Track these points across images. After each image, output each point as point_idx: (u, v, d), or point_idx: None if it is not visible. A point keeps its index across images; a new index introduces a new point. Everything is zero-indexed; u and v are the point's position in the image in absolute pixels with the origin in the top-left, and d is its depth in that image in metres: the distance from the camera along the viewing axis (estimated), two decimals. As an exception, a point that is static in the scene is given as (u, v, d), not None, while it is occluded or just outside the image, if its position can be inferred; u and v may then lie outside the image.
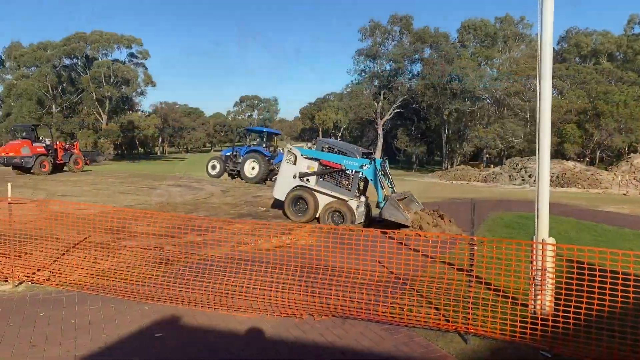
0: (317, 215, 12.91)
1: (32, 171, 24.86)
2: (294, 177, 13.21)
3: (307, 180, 13.11)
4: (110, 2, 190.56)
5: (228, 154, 27.12)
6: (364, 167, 12.51)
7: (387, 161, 13.34)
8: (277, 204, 14.51)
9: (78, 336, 5.22)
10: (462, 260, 6.20)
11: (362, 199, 13.09)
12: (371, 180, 12.62)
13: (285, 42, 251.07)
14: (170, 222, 8.68)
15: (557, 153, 52.10)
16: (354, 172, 12.79)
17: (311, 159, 13.30)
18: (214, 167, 27.09)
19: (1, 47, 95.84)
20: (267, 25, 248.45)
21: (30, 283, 7.06)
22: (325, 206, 12.77)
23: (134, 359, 4.71)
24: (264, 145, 26.15)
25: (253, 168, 24.99)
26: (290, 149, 13.61)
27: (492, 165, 55.14)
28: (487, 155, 67.74)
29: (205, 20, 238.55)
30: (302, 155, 13.36)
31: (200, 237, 9.16)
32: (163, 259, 8.05)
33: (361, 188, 13.19)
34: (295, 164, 13.32)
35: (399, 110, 74.66)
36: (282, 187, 13.46)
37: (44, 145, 26.37)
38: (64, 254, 8.11)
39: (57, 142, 28.17)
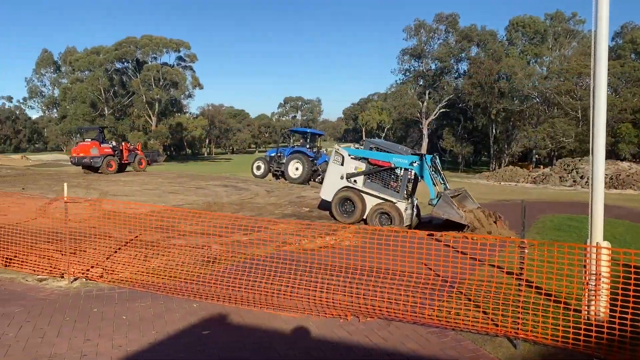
0: (364, 217, 12.74)
1: (99, 170, 26.84)
2: (342, 177, 13.09)
3: (355, 181, 12.95)
4: (159, 7, 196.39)
5: (272, 154, 27.40)
6: (414, 164, 12.22)
7: (437, 157, 13.02)
8: (324, 205, 14.50)
9: (129, 331, 5.39)
10: (512, 263, 6.04)
11: (411, 201, 12.81)
12: (421, 177, 12.31)
13: (329, 42, 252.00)
14: (217, 222, 8.84)
15: (611, 153, 50.10)
16: (402, 172, 12.55)
17: (359, 159, 13.15)
18: (258, 168, 27.45)
19: (57, 53, 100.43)
20: (310, 25, 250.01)
21: (84, 279, 7.34)
22: (372, 208, 12.57)
23: (182, 355, 4.82)
24: (308, 146, 26.27)
25: (297, 169, 25.18)
26: (338, 149, 13.47)
27: (541, 166, 53.51)
28: (537, 156, 65.77)
29: (250, 22, 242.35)
30: (349, 155, 13.22)
31: (246, 236, 9.29)
32: (210, 257, 8.21)
33: (409, 190, 12.92)
34: (342, 164, 13.18)
35: (444, 110, 73.66)
36: (329, 188, 13.35)
37: (111, 146, 28.48)
38: (116, 251, 8.40)
39: (123, 143, 30.41)
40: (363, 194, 12.80)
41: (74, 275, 7.36)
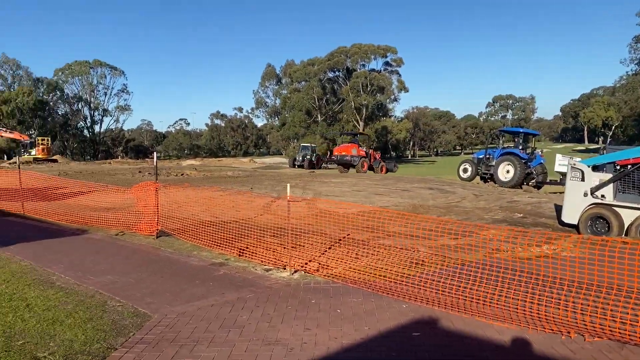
0: (625, 234, 11.03)
1: (354, 168, 33.12)
2: (585, 195, 11.65)
3: (603, 196, 11.40)
4: (366, 13, 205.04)
5: (480, 156, 26.40)
6: None
7: None
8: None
9: (343, 325, 5.68)
10: None
11: None
12: None
13: (543, 33, 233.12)
14: (423, 224, 8.80)
15: None
16: None
17: (601, 168, 11.68)
18: (465, 170, 26.69)
19: (279, 66, 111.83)
20: (522, 15, 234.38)
21: (303, 272, 7.97)
22: (634, 221, 10.82)
23: (393, 354, 4.90)
24: (520, 147, 24.62)
25: (507, 171, 23.82)
26: (574, 164, 12.06)
27: None
28: None
29: (457, 21, 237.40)
30: (589, 167, 11.77)
31: (454, 241, 9.06)
32: (418, 259, 8.21)
33: None
34: (583, 180, 11.76)
35: (691, 102, 62.32)
36: (572, 209, 11.93)
37: (365, 150, 34.95)
38: (330, 248, 8.95)
39: (372, 150, 36.94)
40: (617, 209, 11.19)
41: (294, 268, 8.05)
